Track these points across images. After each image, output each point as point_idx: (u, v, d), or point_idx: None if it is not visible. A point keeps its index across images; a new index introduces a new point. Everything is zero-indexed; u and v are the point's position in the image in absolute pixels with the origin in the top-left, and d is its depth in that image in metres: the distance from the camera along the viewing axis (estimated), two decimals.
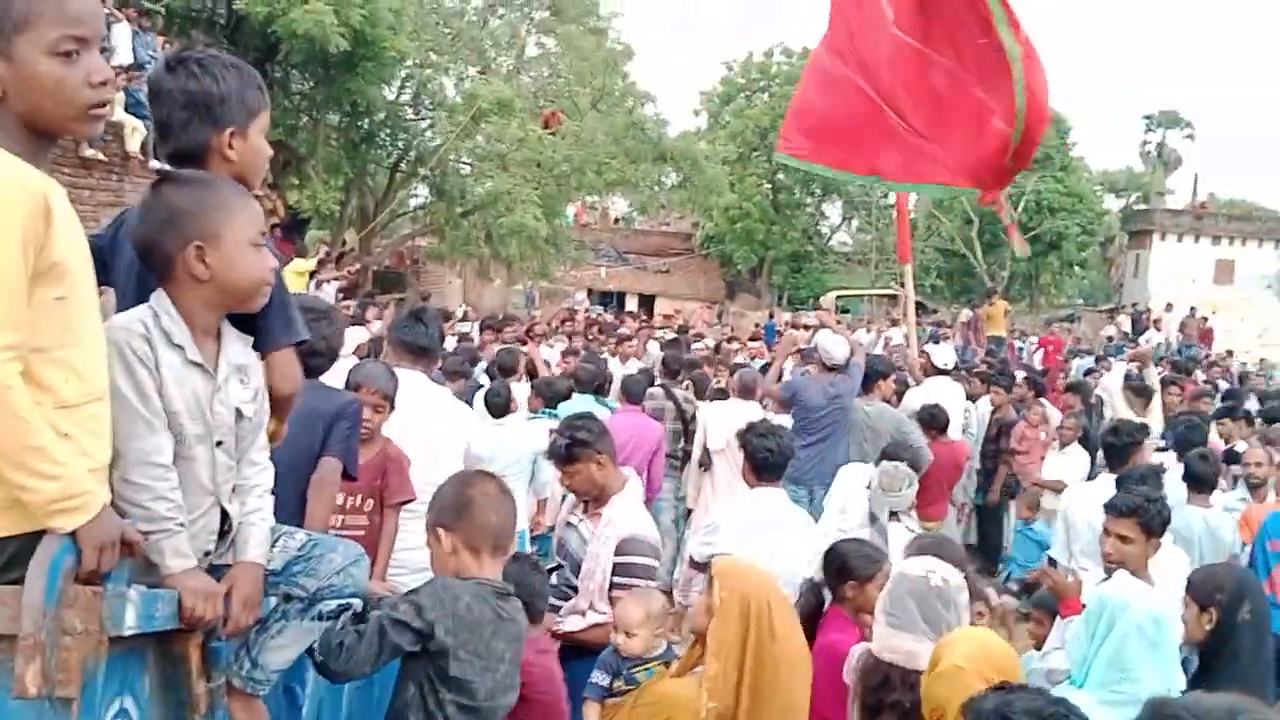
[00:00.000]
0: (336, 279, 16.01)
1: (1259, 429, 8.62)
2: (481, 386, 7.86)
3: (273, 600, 2.30)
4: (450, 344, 10.37)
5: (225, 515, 2.19)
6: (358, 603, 2.41)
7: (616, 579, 3.74)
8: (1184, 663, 3.61)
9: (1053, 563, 5.91)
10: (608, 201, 38.20)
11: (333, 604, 2.32)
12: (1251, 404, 11.10)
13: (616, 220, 43.45)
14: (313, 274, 14.70)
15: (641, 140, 23.39)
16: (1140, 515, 3.98)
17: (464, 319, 16.74)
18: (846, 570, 3.69)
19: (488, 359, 9.49)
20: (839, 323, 10.42)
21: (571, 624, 3.80)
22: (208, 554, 2.17)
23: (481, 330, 12.54)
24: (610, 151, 22.44)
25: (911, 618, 2.90)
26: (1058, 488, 7.76)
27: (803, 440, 7.45)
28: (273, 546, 2.27)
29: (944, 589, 2.93)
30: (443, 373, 5.92)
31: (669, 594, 7.27)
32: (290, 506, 2.99)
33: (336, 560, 2.30)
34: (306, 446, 3.27)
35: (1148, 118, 58.22)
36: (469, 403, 6.53)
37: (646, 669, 3.48)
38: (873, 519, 4.80)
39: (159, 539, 2.00)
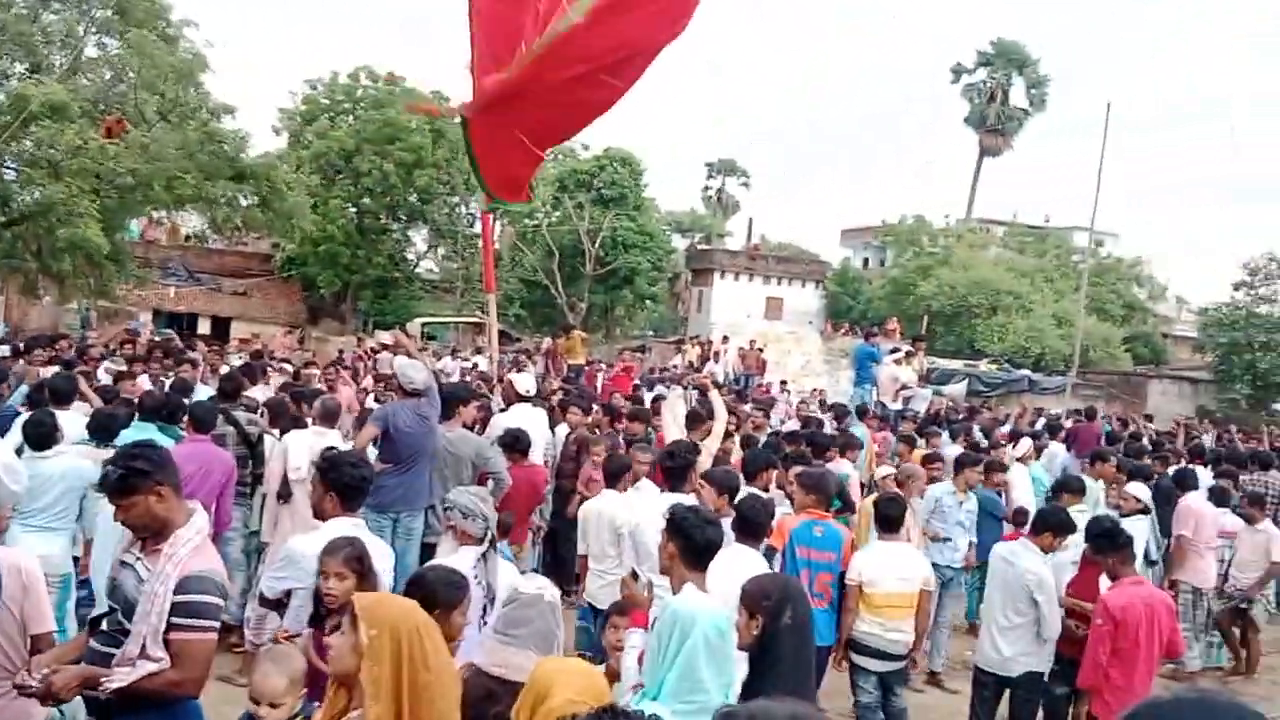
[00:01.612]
0: None
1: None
2: (20, 414, 7.04)
3: None
4: None
5: None
6: None
7: (175, 620, 3.45)
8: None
9: (635, 575, 6.20)
10: (178, 218, 35.72)
11: None
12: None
13: (188, 238, 40.69)
14: None
15: (218, 155, 22.06)
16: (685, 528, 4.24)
17: (3, 340, 14.92)
18: (432, 598, 3.63)
19: (30, 383, 8.52)
20: (423, 349, 10.39)
21: (120, 677, 3.41)
22: None
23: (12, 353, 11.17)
24: (183, 165, 20.97)
25: (524, 633, 2.96)
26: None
27: (389, 467, 7.34)
28: None
29: (555, 604, 3.02)
30: None
31: (238, 629, 6.87)
32: None
33: None
34: None
35: (709, 165, 63.73)
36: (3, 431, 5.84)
37: None
38: (494, 543, 4.80)
39: None
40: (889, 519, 6.64)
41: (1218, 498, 10.00)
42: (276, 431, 8.07)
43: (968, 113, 51.13)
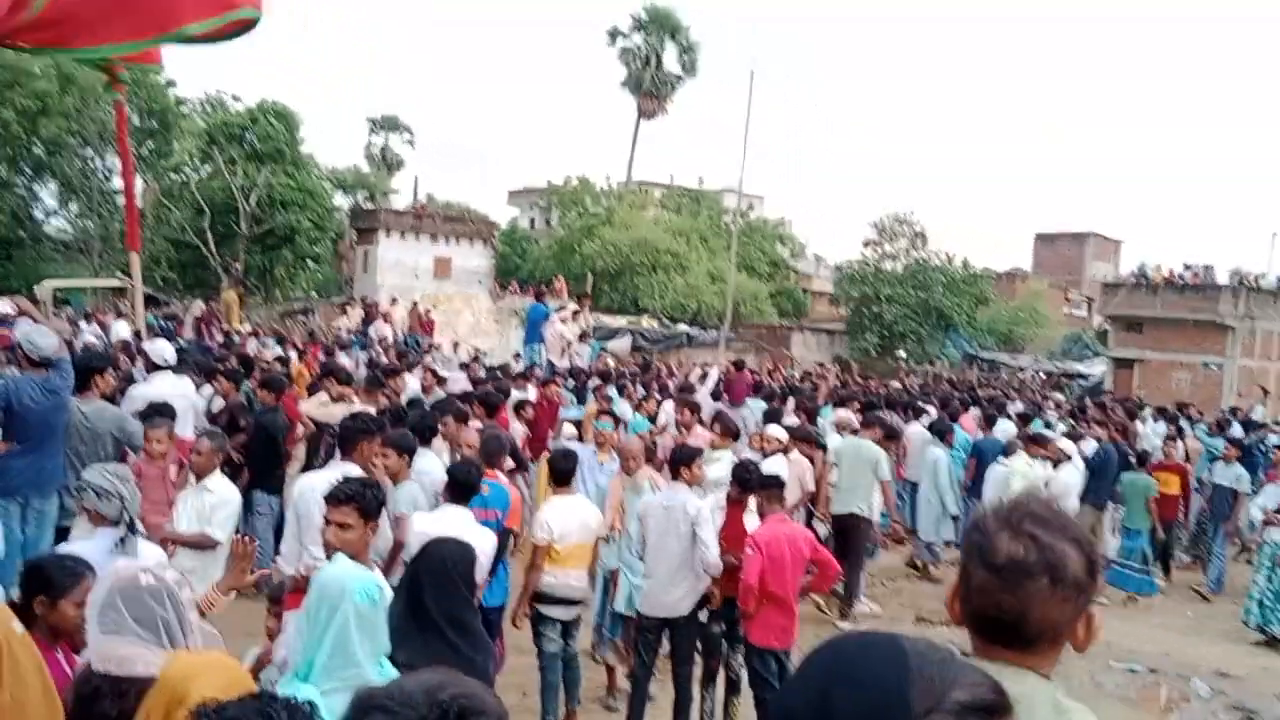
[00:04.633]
0: None
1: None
2: None
3: None
4: None
5: None
6: None
7: None
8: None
9: None
10: None
11: None
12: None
13: None
14: None
15: None
16: (359, 501, 4.13)
17: None
18: (42, 583, 3.32)
19: None
20: (57, 314, 9.52)
21: None
22: None
23: None
24: None
25: (123, 621, 2.73)
26: (204, 543, 6.00)
27: (15, 447, 6.69)
28: None
29: (156, 587, 2.79)
30: None
31: None
32: None
33: None
34: None
35: (372, 120, 61.84)
36: None
37: None
38: (132, 524, 4.45)
39: None
40: (562, 473, 6.82)
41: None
42: None
43: (625, 76, 52.50)
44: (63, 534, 6.52)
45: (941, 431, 12.43)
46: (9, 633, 2.67)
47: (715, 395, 14.77)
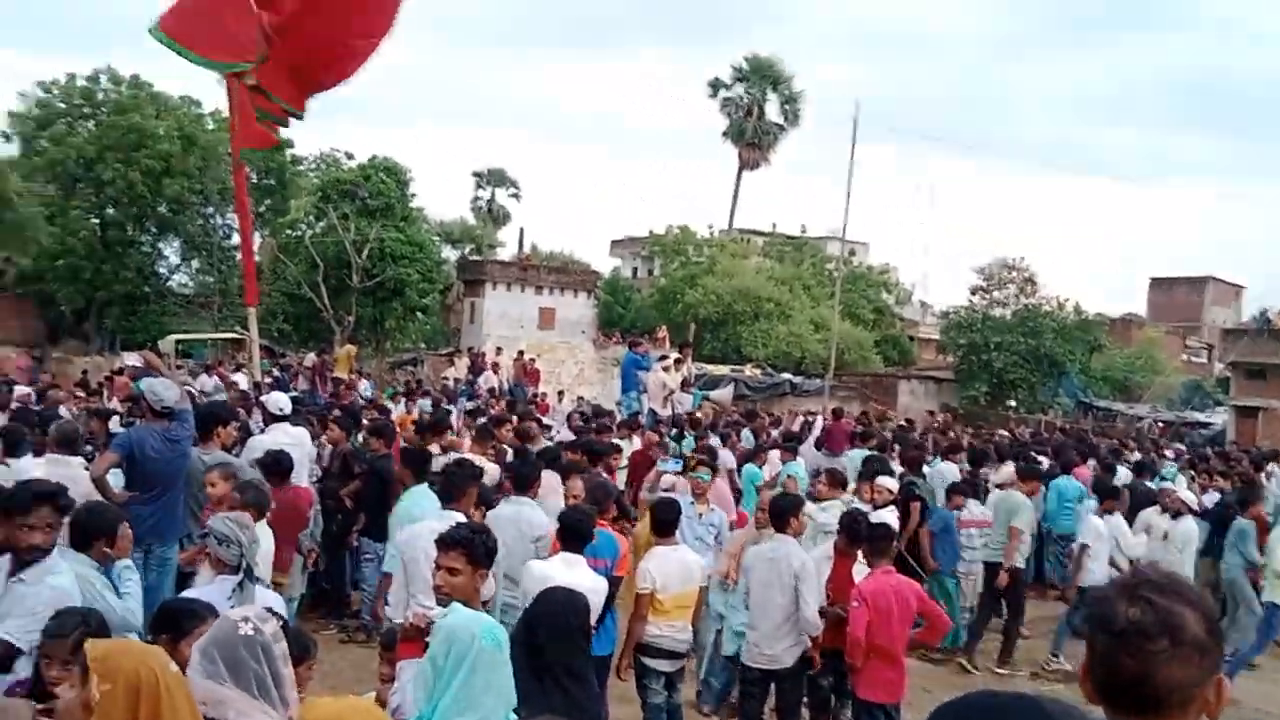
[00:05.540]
0: None
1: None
2: None
3: None
4: None
5: None
6: None
7: None
8: None
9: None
10: None
11: None
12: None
13: None
14: None
15: None
16: (467, 546, 4.15)
17: None
18: (166, 624, 3.44)
19: None
20: (179, 367, 9.89)
21: None
22: None
23: None
24: None
25: (217, 669, 2.78)
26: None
27: (138, 495, 6.93)
28: None
29: (253, 638, 2.83)
30: None
31: None
32: None
33: None
34: None
35: (478, 175, 63.23)
36: None
37: None
38: (250, 571, 4.57)
39: None
40: (664, 523, 6.77)
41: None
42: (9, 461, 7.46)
43: (726, 127, 52.72)
44: (185, 580, 6.72)
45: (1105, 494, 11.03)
46: (165, 673, 2.71)
47: (817, 445, 14.60)
